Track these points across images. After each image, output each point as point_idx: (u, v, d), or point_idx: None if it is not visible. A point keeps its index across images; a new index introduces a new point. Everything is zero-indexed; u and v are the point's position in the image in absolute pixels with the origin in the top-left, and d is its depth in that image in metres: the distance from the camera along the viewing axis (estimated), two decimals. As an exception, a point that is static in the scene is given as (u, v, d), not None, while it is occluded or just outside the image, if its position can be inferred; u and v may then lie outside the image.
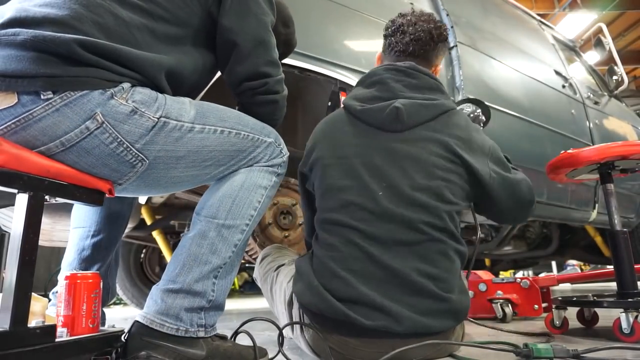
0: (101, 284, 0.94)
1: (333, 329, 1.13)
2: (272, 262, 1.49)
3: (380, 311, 1.07)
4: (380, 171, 1.20)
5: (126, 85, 0.91)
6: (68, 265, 1.24)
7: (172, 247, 2.60)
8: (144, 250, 3.24)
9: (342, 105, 1.37)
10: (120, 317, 3.22)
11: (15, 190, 0.78)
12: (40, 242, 2.06)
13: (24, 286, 0.75)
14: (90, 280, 0.90)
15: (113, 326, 0.98)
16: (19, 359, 0.73)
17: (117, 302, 4.67)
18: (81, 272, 0.94)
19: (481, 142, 1.27)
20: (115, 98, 0.88)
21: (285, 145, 1.16)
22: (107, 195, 0.95)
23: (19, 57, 0.80)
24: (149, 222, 2.44)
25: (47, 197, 0.83)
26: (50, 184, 0.83)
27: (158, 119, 0.93)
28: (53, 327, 0.80)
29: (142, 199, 1.78)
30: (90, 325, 0.89)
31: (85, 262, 1.23)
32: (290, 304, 1.26)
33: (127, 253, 3.13)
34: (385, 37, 1.42)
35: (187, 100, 1.03)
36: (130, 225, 2.28)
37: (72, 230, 1.28)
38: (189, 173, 1.01)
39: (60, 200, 0.87)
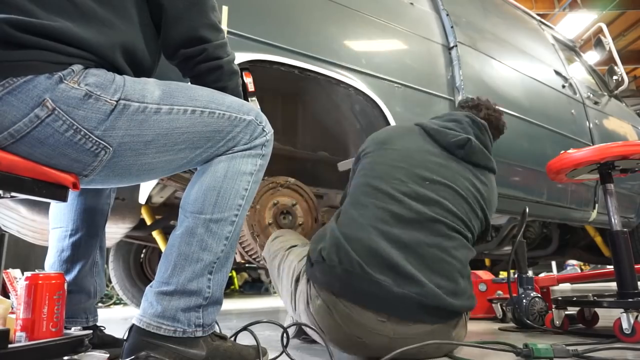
0: (66, 284, 0.88)
1: (340, 294, 1.13)
2: (285, 242, 1.52)
3: (395, 269, 1.12)
4: (433, 169, 1.33)
5: (77, 67, 0.84)
6: (49, 268, 1.19)
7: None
8: (144, 250, 3.24)
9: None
10: (120, 317, 3.22)
11: None
12: (38, 242, 2.04)
13: None
14: (54, 281, 0.85)
15: (97, 328, 0.94)
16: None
17: (117, 302, 4.67)
18: (44, 272, 0.88)
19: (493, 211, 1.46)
20: (65, 82, 0.82)
21: (268, 123, 1.07)
22: (71, 189, 0.87)
23: None
24: (149, 222, 2.43)
25: (0, 192, 0.77)
26: (4, 177, 0.76)
27: (117, 102, 0.86)
28: (6, 332, 0.73)
29: (142, 199, 1.77)
30: (52, 329, 0.83)
31: (67, 263, 1.18)
32: (297, 281, 1.29)
33: (127, 253, 3.13)
34: (461, 106, 1.66)
35: (151, 80, 0.96)
36: (130, 225, 2.27)
37: (50, 231, 1.23)
38: (162, 158, 0.94)
39: (17, 195, 0.81)
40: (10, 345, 0.74)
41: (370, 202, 1.25)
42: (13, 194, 0.80)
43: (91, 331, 0.97)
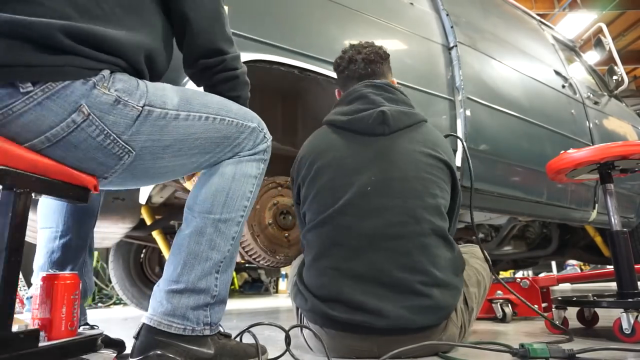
0: (80, 284, 0.90)
1: (324, 325, 1.21)
2: (294, 268, 1.55)
3: (360, 308, 1.15)
4: (370, 167, 1.28)
5: (106, 72, 0.86)
6: (39, 269, 1.20)
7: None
8: (144, 250, 3.24)
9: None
10: (121, 317, 3.22)
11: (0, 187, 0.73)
12: (35, 240, 2.02)
13: (9, 289, 0.71)
14: (69, 282, 0.87)
15: (92, 327, 0.96)
16: (2, 365, 0.69)
17: (117, 302, 4.68)
18: (60, 272, 0.90)
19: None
20: (98, 87, 0.84)
21: (267, 130, 1.13)
22: (92, 191, 0.91)
23: None
24: (149, 222, 2.43)
25: (33, 194, 0.78)
26: (38, 180, 0.78)
27: (142, 107, 0.90)
28: (37, 332, 0.76)
29: (142, 199, 1.77)
30: (70, 329, 0.85)
31: (57, 265, 1.19)
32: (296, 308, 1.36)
33: (127, 253, 3.13)
34: (341, 71, 1.52)
35: (168, 86, 0.99)
36: (130, 225, 2.27)
37: (39, 230, 1.22)
38: (177, 162, 0.99)
39: (45, 197, 0.83)
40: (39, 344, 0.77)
41: (324, 241, 1.26)
42: (44, 196, 0.82)
43: (102, 331, 0.99)
